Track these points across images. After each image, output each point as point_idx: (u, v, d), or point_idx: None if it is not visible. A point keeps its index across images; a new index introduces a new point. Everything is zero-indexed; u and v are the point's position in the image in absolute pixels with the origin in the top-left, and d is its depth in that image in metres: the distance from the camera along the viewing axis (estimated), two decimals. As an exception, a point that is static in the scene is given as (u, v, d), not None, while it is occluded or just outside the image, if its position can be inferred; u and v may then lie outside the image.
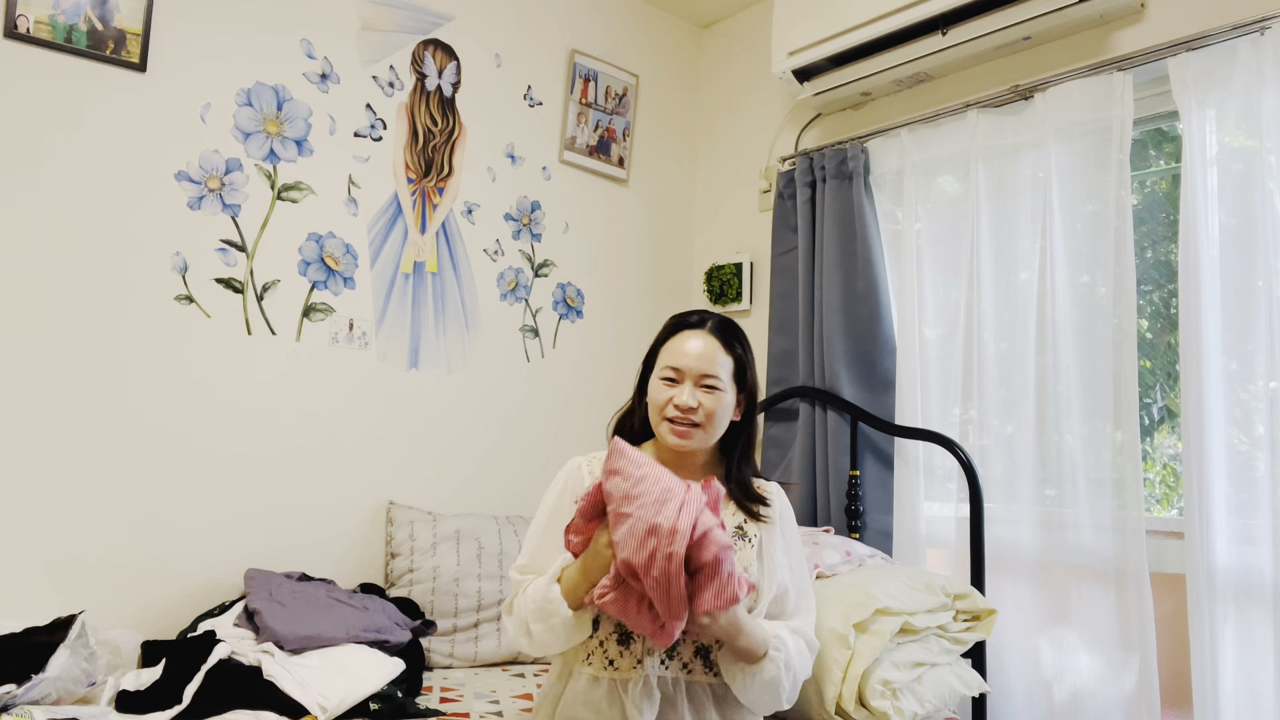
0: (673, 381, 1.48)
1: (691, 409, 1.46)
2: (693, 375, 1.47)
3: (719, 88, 3.18)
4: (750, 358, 1.55)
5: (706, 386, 1.47)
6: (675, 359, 1.49)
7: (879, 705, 1.64)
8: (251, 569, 2.04)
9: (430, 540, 2.23)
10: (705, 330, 1.52)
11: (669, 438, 1.48)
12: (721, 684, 1.43)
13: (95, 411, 1.92)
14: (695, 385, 1.47)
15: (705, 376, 1.47)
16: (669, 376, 1.49)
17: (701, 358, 1.48)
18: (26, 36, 1.85)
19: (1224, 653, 1.80)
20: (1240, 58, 1.86)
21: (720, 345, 1.50)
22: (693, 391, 1.47)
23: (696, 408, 1.46)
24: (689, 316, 1.56)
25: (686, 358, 1.48)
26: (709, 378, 1.47)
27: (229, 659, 1.68)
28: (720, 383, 1.47)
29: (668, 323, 1.57)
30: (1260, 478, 1.81)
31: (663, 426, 1.48)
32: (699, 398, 1.46)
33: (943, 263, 2.39)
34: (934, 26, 2.29)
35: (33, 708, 1.46)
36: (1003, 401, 2.20)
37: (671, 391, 1.48)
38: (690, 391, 1.47)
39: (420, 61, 2.48)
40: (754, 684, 1.38)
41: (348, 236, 2.32)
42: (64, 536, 1.87)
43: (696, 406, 1.46)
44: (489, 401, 2.59)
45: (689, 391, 1.46)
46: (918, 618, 1.79)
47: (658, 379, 1.51)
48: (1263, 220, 1.83)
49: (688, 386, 1.47)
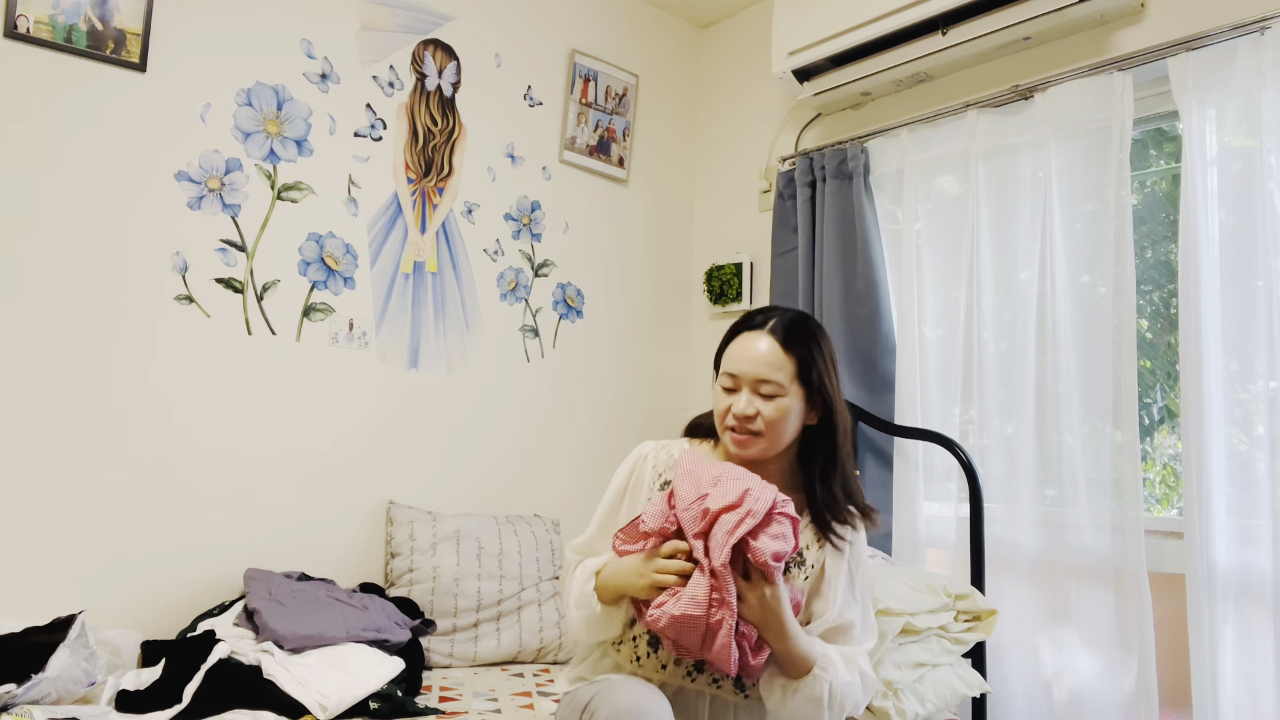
0: (731, 390, 1.42)
1: (749, 417, 1.38)
2: (749, 381, 1.39)
3: (719, 88, 3.18)
4: (822, 356, 1.42)
5: (765, 394, 1.38)
6: (732, 364, 1.42)
7: (881, 705, 1.64)
8: (251, 568, 2.04)
9: (430, 540, 2.23)
10: (764, 331, 1.42)
11: (731, 447, 1.41)
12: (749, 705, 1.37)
13: (95, 411, 1.92)
14: (753, 392, 1.39)
15: (761, 382, 1.38)
16: (727, 385, 1.42)
17: (757, 362, 1.39)
18: (26, 36, 1.85)
19: (1224, 653, 1.80)
20: (1240, 58, 1.86)
21: (779, 346, 1.40)
22: (750, 399, 1.39)
23: (754, 416, 1.38)
24: (754, 317, 1.46)
25: (742, 362, 1.41)
26: (765, 383, 1.38)
27: (229, 658, 1.68)
28: (779, 388, 1.38)
29: (733, 324, 1.48)
30: (1260, 478, 1.81)
31: (726, 436, 1.42)
32: (757, 405, 1.38)
33: (943, 263, 2.39)
34: (934, 26, 2.28)
35: (32, 707, 1.46)
36: (1003, 401, 2.20)
37: (730, 400, 1.41)
38: (748, 399, 1.39)
39: (420, 61, 2.48)
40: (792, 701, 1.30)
41: (348, 236, 2.32)
42: (64, 536, 1.87)
43: (754, 415, 1.38)
44: (489, 401, 2.59)
45: (746, 399, 1.39)
46: (919, 618, 1.79)
47: (719, 386, 1.44)
48: (1263, 220, 1.83)
49: (745, 394, 1.39)
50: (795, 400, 1.39)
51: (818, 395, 1.41)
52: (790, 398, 1.39)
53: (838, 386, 1.45)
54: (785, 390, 1.38)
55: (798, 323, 1.44)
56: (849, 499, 1.44)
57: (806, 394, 1.41)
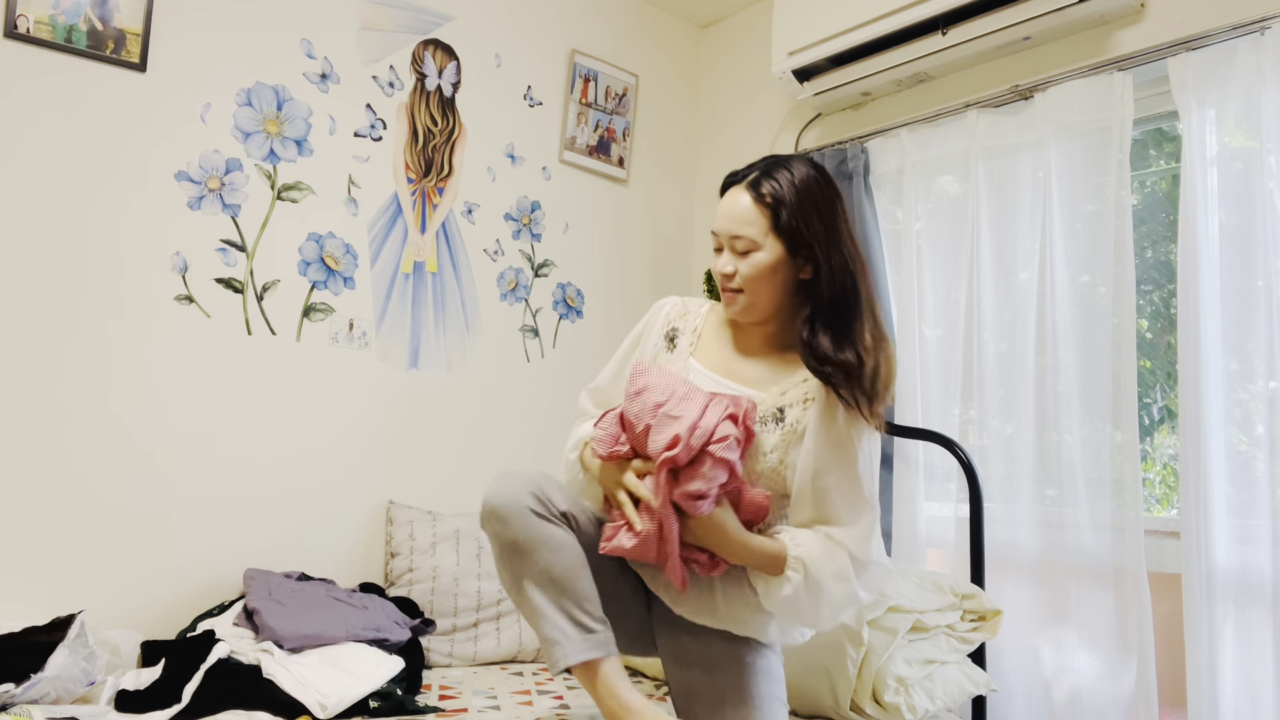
0: (719, 250, 1.40)
1: (728, 276, 1.37)
2: (725, 238, 1.37)
3: (719, 88, 3.18)
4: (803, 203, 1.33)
5: (740, 250, 1.35)
6: (715, 223, 1.39)
7: (892, 701, 1.64)
8: (251, 568, 2.04)
9: (430, 540, 2.23)
10: (742, 185, 1.37)
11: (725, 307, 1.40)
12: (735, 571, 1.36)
13: (94, 411, 1.93)
14: (731, 250, 1.37)
15: (735, 239, 1.36)
16: (716, 246, 1.40)
17: (729, 218, 1.36)
18: (26, 36, 1.85)
19: (1223, 653, 1.80)
20: (1240, 58, 1.86)
21: (750, 198, 1.35)
22: (729, 257, 1.37)
23: (733, 274, 1.36)
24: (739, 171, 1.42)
25: (719, 219, 1.38)
26: (737, 239, 1.35)
27: (228, 658, 1.68)
28: (751, 242, 1.34)
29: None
30: (1260, 478, 1.81)
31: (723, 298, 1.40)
32: (735, 263, 1.36)
33: (943, 263, 2.39)
34: (934, 26, 2.28)
35: (32, 707, 1.46)
36: (1002, 401, 2.20)
37: (717, 260, 1.39)
38: (726, 257, 1.37)
39: (420, 61, 2.48)
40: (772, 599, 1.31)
41: (348, 236, 2.32)
42: (64, 536, 1.87)
43: (733, 273, 1.36)
44: (489, 401, 2.59)
45: (725, 257, 1.37)
46: (928, 616, 1.80)
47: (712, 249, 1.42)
48: (1263, 220, 1.82)
49: (726, 252, 1.37)
50: (771, 254, 1.34)
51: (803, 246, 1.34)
52: (765, 252, 1.34)
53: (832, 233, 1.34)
54: (759, 244, 1.34)
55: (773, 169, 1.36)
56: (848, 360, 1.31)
57: (788, 246, 1.34)
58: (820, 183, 1.36)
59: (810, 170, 1.36)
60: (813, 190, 1.34)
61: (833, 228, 1.35)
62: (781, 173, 1.35)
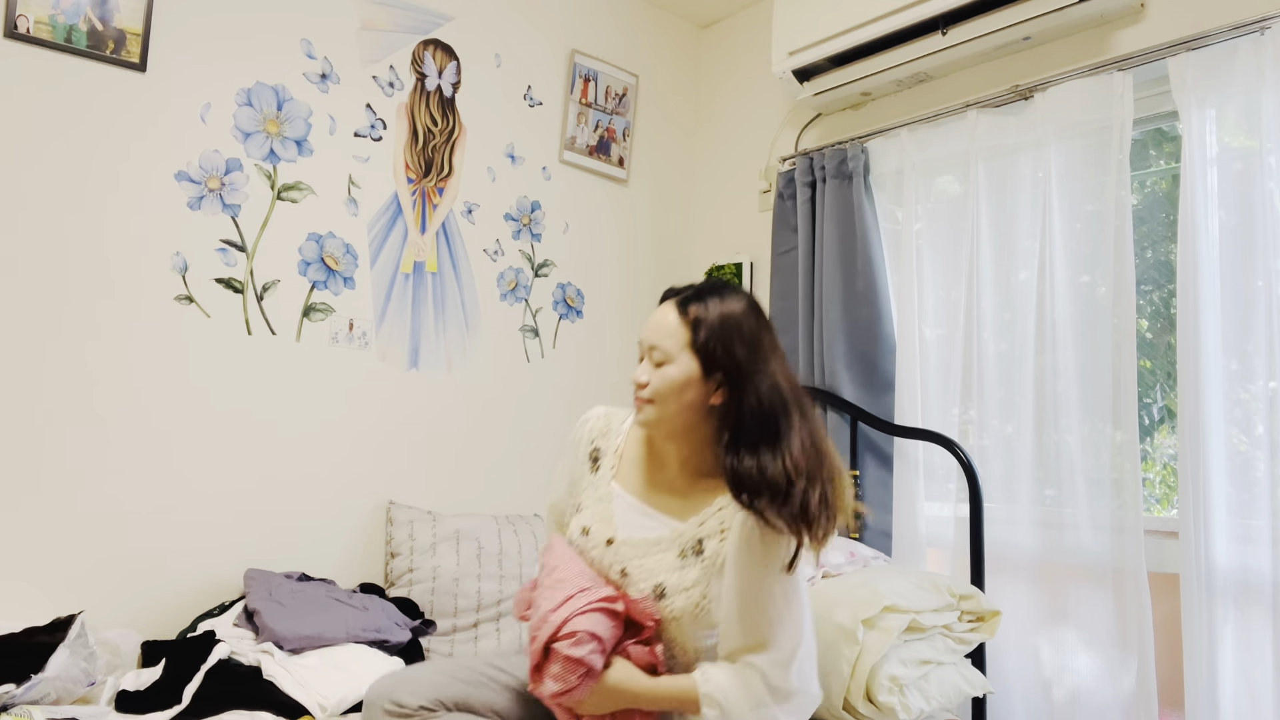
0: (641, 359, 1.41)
1: (641, 385, 1.37)
2: (645, 348, 1.39)
3: (719, 88, 3.18)
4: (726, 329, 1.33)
5: (656, 361, 1.36)
6: (640, 332, 1.42)
7: (886, 701, 1.64)
8: (251, 569, 2.04)
9: (430, 540, 2.23)
10: (673, 301, 1.39)
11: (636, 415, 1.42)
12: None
13: (94, 411, 1.92)
14: (649, 359, 1.38)
15: (652, 349, 1.37)
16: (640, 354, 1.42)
17: (653, 328, 1.38)
18: (26, 36, 1.85)
19: (1223, 653, 1.80)
20: (1240, 58, 1.86)
21: (676, 312, 1.36)
22: (646, 366, 1.38)
23: (645, 384, 1.37)
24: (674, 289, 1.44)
25: (644, 329, 1.41)
26: (655, 349, 1.36)
27: (229, 659, 1.68)
28: (666, 354, 1.34)
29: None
30: (1260, 478, 1.81)
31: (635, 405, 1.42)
32: (649, 373, 1.37)
33: (943, 263, 2.39)
34: (934, 26, 2.28)
35: (32, 707, 1.46)
36: (1002, 401, 2.20)
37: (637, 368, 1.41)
38: (644, 366, 1.38)
39: (420, 61, 2.48)
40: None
41: (348, 236, 2.32)
42: (64, 536, 1.87)
43: (645, 383, 1.37)
44: (489, 401, 2.59)
45: (643, 366, 1.38)
46: (924, 616, 1.79)
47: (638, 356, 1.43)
48: (1263, 220, 1.82)
49: (644, 361, 1.39)
50: (683, 370, 1.34)
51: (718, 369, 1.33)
52: (677, 366, 1.34)
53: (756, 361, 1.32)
54: (673, 358, 1.34)
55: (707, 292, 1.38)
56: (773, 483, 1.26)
57: (703, 365, 1.34)
58: (749, 312, 1.37)
59: (742, 300, 1.38)
60: (738, 318, 1.35)
61: (758, 355, 1.33)
62: (713, 297, 1.36)
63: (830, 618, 1.72)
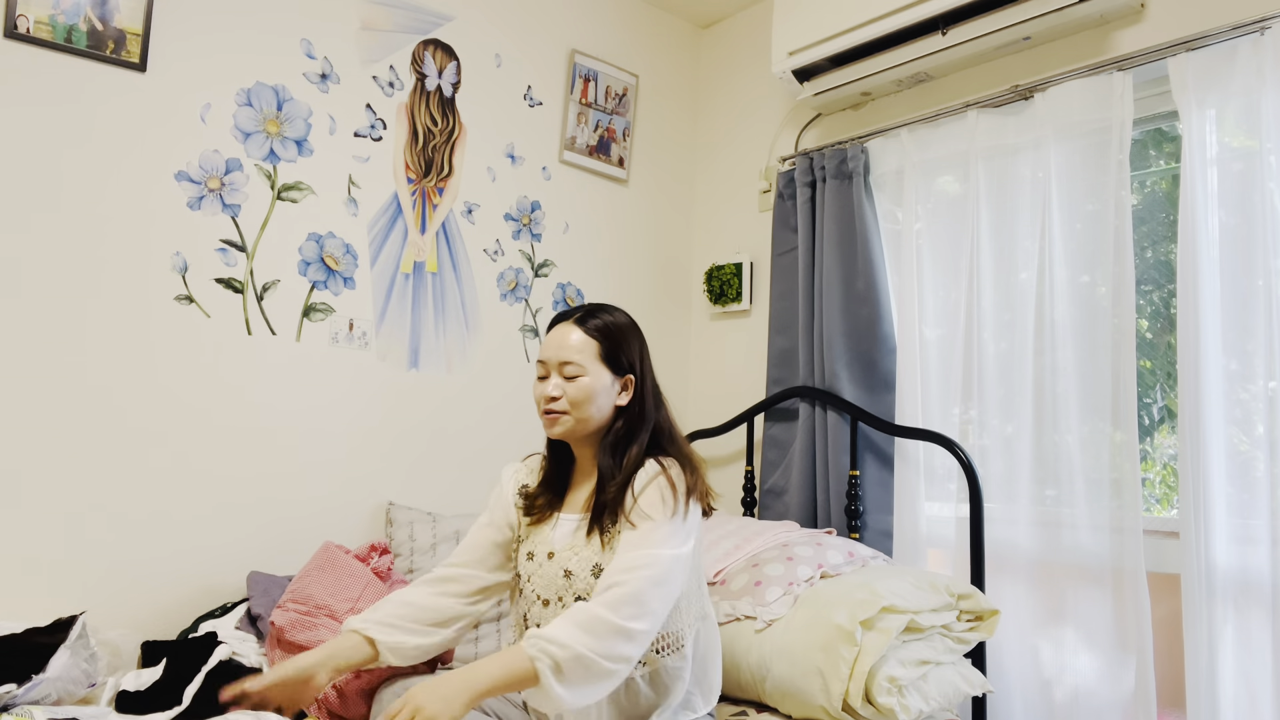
0: (543, 378, 1.53)
1: (554, 398, 1.49)
2: (554, 365, 1.51)
3: (719, 88, 3.18)
4: (625, 338, 1.53)
5: (568, 374, 1.49)
6: (542, 353, 1.54)
7: (885, 702, 1.64)
8: (254, 572, 2.04)
9: (430, 540, 2.23)
10: (567, 321, 1.54)
11: (545, 428, 1.53)
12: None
13: (94, 411, 1.92)
14: (560, 375, 1.50)
15: (564, 364, 1.50)
16: (540, 375, 1.54)
17: (558, 346, 1.51)
18: (26, 36, 1.85)
19: (1222, 653, 1.80)
20: (1240, 58, 1.86)
21: (578, 328, 1.52)
22: (557, 382, 1.50)
23: (559, 397, 1.49)
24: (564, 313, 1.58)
25: (546, 349, 1.53)
26: (566, 364, 1.49)
27: (230, 660, 1.68)
28: (581, 367, 1.49)
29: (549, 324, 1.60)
30: (1260, 478, 1.81)
31: (543, 422, 1.53)
32: (563, 387, 1.49)
33: (943, 263, 2.39)
34: (934, 26, 2.28)
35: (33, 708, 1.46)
36: (1002, 401, 2.20)
37: (542, 386, 1.52)
38: (555, 382, 1.50)
39: (420, 61, 2.48)
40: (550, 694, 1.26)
41: (348, 236, 2.32)
42: (65, 537, 1.87)
43: (559, 396, 1.49)
44: (489, 401, 2.59)
45: (554, 382, 1.50)
46: (923, 616, 1.79)
47: (536, 379, 1.55)
48: (1263, 220, 1.83)
49: (553, 377, 1.51)
50: (596, 379, 1.49)
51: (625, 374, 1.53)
52: (591, 377, 1.49)
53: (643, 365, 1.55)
54: (588, 371, 1.49)
55: (597, 311, 1.56)
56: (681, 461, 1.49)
57: (616, 373, 1.52)
58: (632, 323, 1.59)
59: (624, 314, 1.59)
60: (627, 328, 1.56)
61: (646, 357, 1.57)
62: (604, 314, 1.55)
63: (829, 619, 1.72)
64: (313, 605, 1.66)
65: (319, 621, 1.64)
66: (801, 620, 1.77)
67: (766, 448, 2.72)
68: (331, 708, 1.56)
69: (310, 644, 1.60)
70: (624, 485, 1.47)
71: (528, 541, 1.58)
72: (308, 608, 1.67)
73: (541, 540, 1.56)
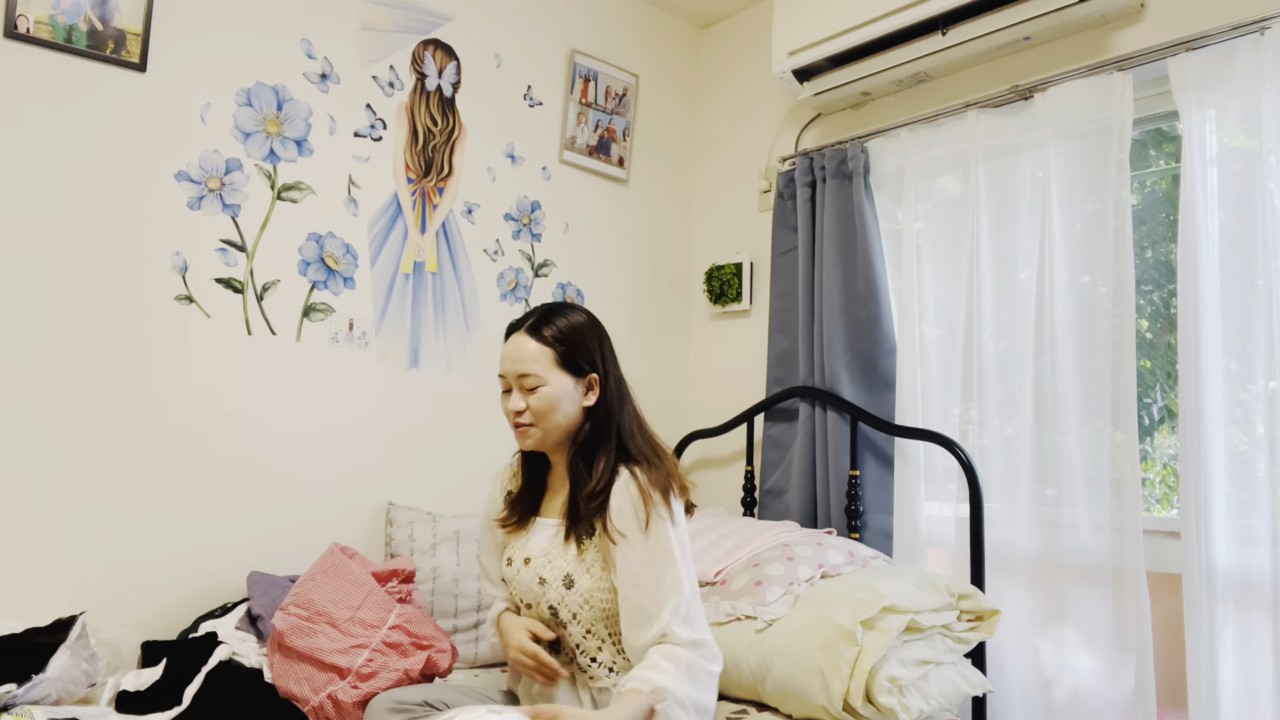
0: (507, 391, 1.52)
1: (519, 412, 1.49)
2: (512, 378, 1.50)
3: (719, 88, 3.18)
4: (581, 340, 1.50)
5: (529, 388, 1.48)
6: (500, 366, 1.52)
7: (886, 701, 1.64)
8: (254, 572, 2.04)
9: (430, 541, 2.23)
10: (520, 330, 1.51)
11: (517, 440, 1.53)
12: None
13: (94, 412, 1.92)
14: (520, 389, 1.49)
15: (522, 377, 1.48)
16: (504, 389, 1.52)
17: (514, 359, 1.49)
18: (26, 36, 1.85)
19: (1223, 653, 1.80)
20: (1240, 58, 1.86)
21: (530, 338, 1.49)
22: (518, 395, 1.49)
23: (524, 410, 1.48)
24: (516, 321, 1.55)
25: (504, 363, 1.52)
26: (525, 376, 1.48)
27: (230, 660, 1.68)
28: (539, 378, 1.47)
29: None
30: (1260, 478, 1.81)
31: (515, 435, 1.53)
32: (525, 400, 1.48)
33: (943, 263, 2.39)
34: (934, 26, 2.28)
35: (33, 708, 1.46)
36: (1002, 401, 2.20)
37: (506, 401, 1.51)
38: (516, 396, 1.49)
39: (420, 61, 2.48)
40: None
41: (348, 236, 2.32)
42: (65, 537, 1.87)
43: (524, 409, 1.48)
44: (489, 401, 2.59)
45: (515, 396, 1.49)
46: (923, 616, 1.79)
47: (501, 392, 1.54)
48: (1263, 220, 1.83)
49: (515, 392, 1.49)
50: (558, 386, 1.48)
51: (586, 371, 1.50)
52: (552, 386, 1.47)
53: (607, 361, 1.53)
54: (547, 380, 1.47)
55: (549, 315, 1.52)
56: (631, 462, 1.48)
57: (576, 376, 1.50)
58: (591, 320, 1.55)
59: (581, 312, 1.55)
60: (585, 326, 1.53)
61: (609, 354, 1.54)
62: (558, 317, 1.51)
63: (829, 618, 1.72)
64: (314, 611, 1.66)
65: (318, 628, 1.64)
66: (802, 620, 1.77)
67: (766, 448, 2.72)
68: (328, 716, 1.56)
69: (308, 650, 1.62)
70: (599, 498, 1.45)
71: (509, 547, 1.61)
72: (309, 613, 1.67)
73: (520, 546, 1.59)
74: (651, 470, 1.48)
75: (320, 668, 1.59)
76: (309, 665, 1.60)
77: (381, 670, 1.60)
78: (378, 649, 1.63)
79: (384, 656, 1.63)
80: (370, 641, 1.64)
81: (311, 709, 1.56)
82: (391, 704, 1.47)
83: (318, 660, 1.60)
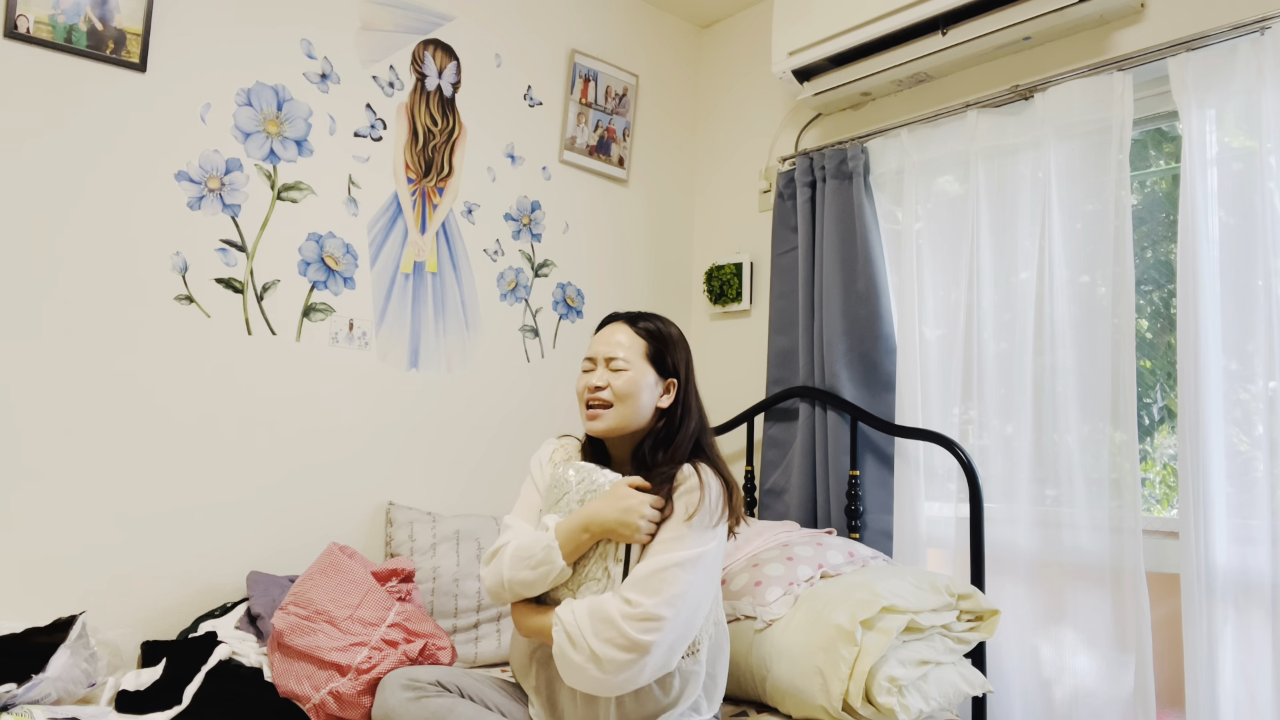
0: (589, 371, 1.60)
1: (600, 388, 1.56)
2: (602, 359, 1.59)
3: (719, 88, 3.18)
4: (672, 343, 1.62)
5: (615, 369, 1.56)
6: (591, 349, 1.62)
7: (885, 702, 1.64)
8: (254, 572, 2.04)
9: (430, 540, 2.23)
10: (619, 320, 1.64)
11: (586, 423, 1.59)
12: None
13: (94, 412, 1.92)
14: (606, 369, 1.57)
15: (610, 359, 1.58)
16: (586, 368, 1.61)
17: (608, 342, 1.60)
18: (26, 36, 1.85)
19: (1222, 653, 1.80)
20: (1240, 58, 1.86)
21: (628, 327, 1.61)
22: (603, 373, 1.57)
23: (605, 386, 1.56)
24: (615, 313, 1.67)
25: (596, 345, 1.61)
26: (613, 359, 1.57)
27: (229, 660, 1.68)
28: (627, 363, 1.57)
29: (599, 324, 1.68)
30: (1259, 478, 1.81)
31: (583, 415, 1.59)
32: (608, 378, 1.56)
33: (943, 263, 2.39)
34: (934, 26, 2.29)
35: (33, 707, 1.46)
36: (1002, 401, 2.20)
37: (587, 377, 1.59)
38: (601, 373, 1.57)
39: (420, 61, 2.48)
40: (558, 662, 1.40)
41: (348, 236, 2.32)
42: (65, 537, 1.87)
43: (605, 385, 1.56)
44: (489, 401, 2.59)
45: (600, 373, 1.57)
46: (923, 616, 1.79)
47: (581, 372, 1.62)
48: (1263, 220, 1.83)
49: (600, 370, 1.58)
50: (642, 375, 1.57)
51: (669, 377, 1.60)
52: (635, 372, 1.57)
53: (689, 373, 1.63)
54: (633, 366, 1.57)
55: (647, 316, 1.65)
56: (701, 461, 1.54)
57: (660, 374, 1.60)
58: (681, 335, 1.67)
59: (674, 325, 1.67)
60: (677, 337, 1.65)
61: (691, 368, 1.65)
62: (656, 320, 1.65)
63: (829, 619, 1.72)
64: (313, 610, 1.67)
65: (318, 627, 1.64)
66: (801, 620, 1.77)
67: (766, 448, 2.72)
68: (330, 712, 1.57)
69: (308, 649, 1.62)
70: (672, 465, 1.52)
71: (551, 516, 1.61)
72: (308, 612, 1.67)
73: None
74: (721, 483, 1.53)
75: (320, 666, 1.60)
76: (309, 664, 1.60)
77: (380, 664, 1.60)
78: (376, 646, 1.63)
79: (382, 653, 1.63)
80: (369, 639, 1.64)
81: (312, 707, 1.57)
82: (405, 680, 1.49)
83: (317, 658, 1.60)
